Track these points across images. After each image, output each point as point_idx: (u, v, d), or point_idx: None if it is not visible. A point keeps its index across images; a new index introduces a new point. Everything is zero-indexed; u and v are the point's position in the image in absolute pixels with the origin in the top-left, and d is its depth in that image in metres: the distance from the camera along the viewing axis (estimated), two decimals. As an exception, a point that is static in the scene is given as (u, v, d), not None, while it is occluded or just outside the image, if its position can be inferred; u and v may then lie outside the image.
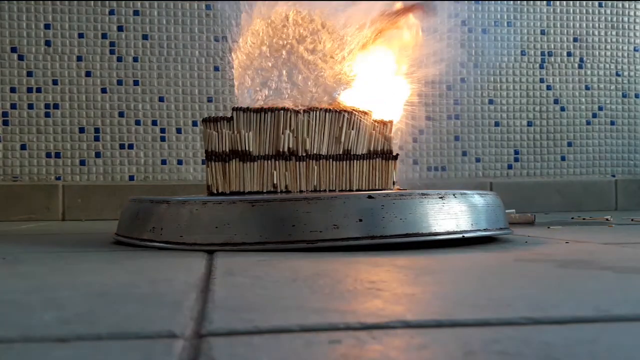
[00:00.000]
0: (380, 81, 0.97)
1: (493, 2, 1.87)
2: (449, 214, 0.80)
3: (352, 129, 0.94)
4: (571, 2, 1.92)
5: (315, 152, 0.93)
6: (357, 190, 0.95)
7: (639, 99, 1.96)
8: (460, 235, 0.80)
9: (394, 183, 0.98)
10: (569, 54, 1.91)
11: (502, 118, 1.88)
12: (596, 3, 1.93)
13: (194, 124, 1.73)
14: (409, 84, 1.00)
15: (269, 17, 0.91)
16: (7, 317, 0.40)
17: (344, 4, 0.92)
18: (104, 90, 1.70)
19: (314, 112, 0.93)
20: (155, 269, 0.63)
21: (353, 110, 0.94)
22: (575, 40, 1.92)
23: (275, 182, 0.93)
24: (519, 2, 1.88)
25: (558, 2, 1.91)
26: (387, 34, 0.94)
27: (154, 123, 1.72)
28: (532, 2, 1.89)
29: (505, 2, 1.87)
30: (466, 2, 1.83)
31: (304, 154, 0.93)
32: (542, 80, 1.90)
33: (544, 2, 1.91)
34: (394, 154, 0.97)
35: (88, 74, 1.70)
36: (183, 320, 0.38)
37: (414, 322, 0.37)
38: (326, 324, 0.36)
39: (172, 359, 0.30)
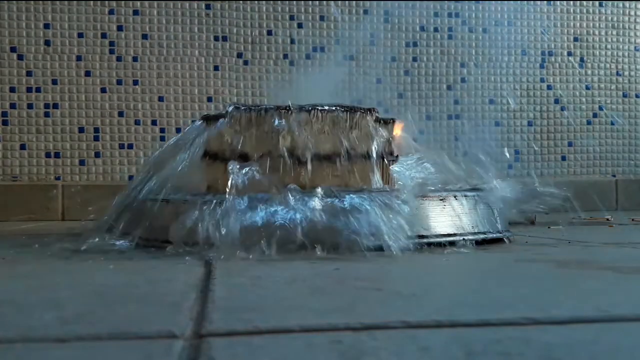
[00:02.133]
0: None
1: (493, 2, 1.86)
2: (450, 215, 0.80)
3: (354, 129, 0.94)
4: (571, 1, 1.91)
5: (314, 152, 0.93)
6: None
7: (639, 98, 1.96)
8: (460, 237, 0.80)
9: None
10: (569, 54, 1.91)
11: (502, 118, 1.88)
12: (597, 3, 1.93)
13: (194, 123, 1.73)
14: None
15: None
16: (7, 317, 0.40)
17: None
18: (103, 90, 1.70)
19: (314, 112, 0.92)
20: (155, 269, 0.63)
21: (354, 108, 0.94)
22: (575, 40, 1.92)
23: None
24: (519, 1, 1.88)
25: (559, 2, 1.91)
26: None
27: (154, 123, 1.72)
28: (532, 2, 1.89)
29: (505, 2, 1.87)
30: (466, 1, 1.83)
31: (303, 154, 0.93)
32: (542, 80, 1.90)
33: (544, 2, 1.91)
34: (395, 154, 0.97)
35: (87, 74, 1.69)
36: (183, 321, 0.37)
37: (414, 322, 0.37)
38: (326, 324, 0.36)
39: (172, 359, 0.30)
